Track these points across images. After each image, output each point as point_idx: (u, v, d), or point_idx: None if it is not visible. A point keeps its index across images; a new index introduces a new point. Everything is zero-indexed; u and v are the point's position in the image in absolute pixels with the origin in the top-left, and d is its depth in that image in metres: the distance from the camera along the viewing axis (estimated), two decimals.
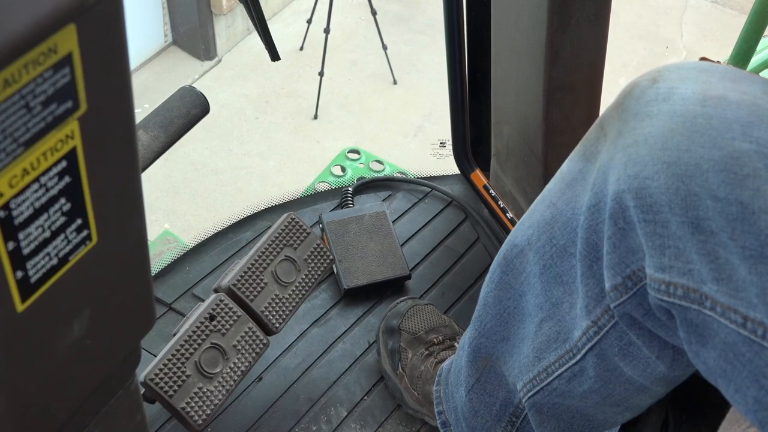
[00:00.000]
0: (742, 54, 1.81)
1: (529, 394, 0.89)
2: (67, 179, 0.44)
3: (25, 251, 0.43)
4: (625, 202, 0.68)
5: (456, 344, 1.12)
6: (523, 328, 0.87)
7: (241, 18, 4.13)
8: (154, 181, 3.40)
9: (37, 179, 0.42)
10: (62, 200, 0.44)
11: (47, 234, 0.44)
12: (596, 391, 0.83)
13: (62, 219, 0.45)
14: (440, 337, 1.13)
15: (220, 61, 4.11)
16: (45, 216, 0.44)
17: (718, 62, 1.00)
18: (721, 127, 0.63)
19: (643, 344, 0.76)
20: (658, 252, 0.67)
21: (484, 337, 0.92)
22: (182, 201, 3.42)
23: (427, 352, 1.11)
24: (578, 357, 0.81)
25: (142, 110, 3.49)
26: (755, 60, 1.90)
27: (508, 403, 0.93)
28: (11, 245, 0.42)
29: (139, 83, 3.77)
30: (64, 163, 0.43)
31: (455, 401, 1.00)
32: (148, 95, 3.76)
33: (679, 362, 0.77)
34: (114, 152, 0.47)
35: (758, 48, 1.87)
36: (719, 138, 0.63)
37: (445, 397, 1.03)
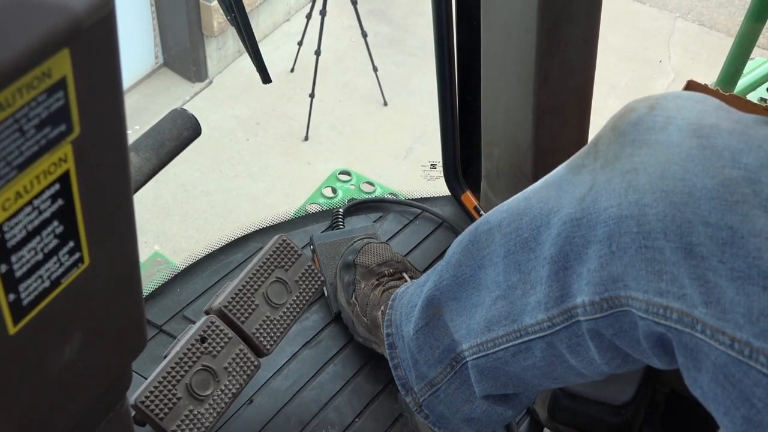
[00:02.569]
0: (729, 76, 1.83)
1: (474, 356, 0.94)
2: (60, 202, 0.44)
3: (18, 274, 0.43)
4: (627, 228, 0.70)
5: (405, 276, 1.19)
6: (476, 296, 0.93)
7: (232, 40, 4.14)
8: (143, 202, 3.40)
9: (30, 202, 0.42)
10: (55, 223, 0.44)
11: (40, 256, 0.44)
12: (539, 367, 0.88)
13: (55, 241, 0.45)
14: (391, 270, 1.20)
15: (211, 82, 4.13)
16: (38, 239, 0.44)
17: (706, 85, 1.01)
18: (712, 157, 0.66)
19: (597, 352, 0.80)
20: (656, 277, 0.69)
21: (439, 291, 0.98)
22: (172, 222, 3.42)
23: (377, 282, 1.19)
24: (526, 339, 0.86)
25: (132, 131, 3.49)
26: (742, 82, 1.92)
27: (450, 350, 0.98)
28: (4, 268, 0.42)
29: (129, 104, 3.78)
30: (57, 186, 0.43)
31: (403, 332, 1.06)
32: (139, 116, 3.76)
33: (623, 367, 0.82)
34: (107, 175, 0.48)
35: (745, 71, 1.89)
36: (711, 167, 0.65)
37: (394, 322, 1.08)
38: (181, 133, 0.96)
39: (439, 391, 1.02)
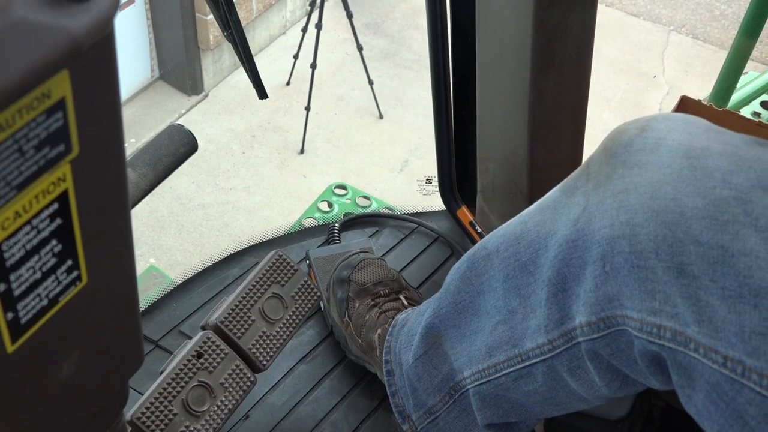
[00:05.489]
0: (723, 91, 1.84)
1: (476, 383, 0.94)
2: (58, 221, 0.44)
3: (16, 292, 0.43)
4: (619, 248, 0.71)
5: (401, 297, 1.18)
6: (476, 322, 0.93)
7: (228, 53, 4.15)
8: (139, 215, 3.39)
9: (29, 221, 0.42)
10: (53, 242, 0.45)
11: (38, 275, 0.45)
12: (540, 393, 0.88)
13: (53, 260, 0.45)
14: (386, 290, 1.19)
15: (206, 95, 4.13)
16: (36, 257, 0.44)
17: (699, 101, 1.02)
18: (703, 177, 0.67)
19: (597, 374, 0.80)
20: (649, 296, 0.69)
21: (438, 319, 0.98)
22: (168, 236, 3.41)
23: (372, 302, 1.17)
24: (527, 363, 0.86)
25: (128, 145, 3.49)
26: (735, 96, 1.93)
27: (450, 378, 0.98)
28: (2, 287, 0.42)
29: (126, 118, 3.77)
30: (55, 206, 0.43)
31: (401, 360, 1.05)
32: (135, 130, 3.77)
33: (623, 389, 0.82)
34: (105, 194, 0.48)
35: (738, 85, 1.90)
36: (702, 187, 0.66)
37: (394, 350, 1.08)
38: (178, 148, 0.96)
39: (438, 420, 1.02)
